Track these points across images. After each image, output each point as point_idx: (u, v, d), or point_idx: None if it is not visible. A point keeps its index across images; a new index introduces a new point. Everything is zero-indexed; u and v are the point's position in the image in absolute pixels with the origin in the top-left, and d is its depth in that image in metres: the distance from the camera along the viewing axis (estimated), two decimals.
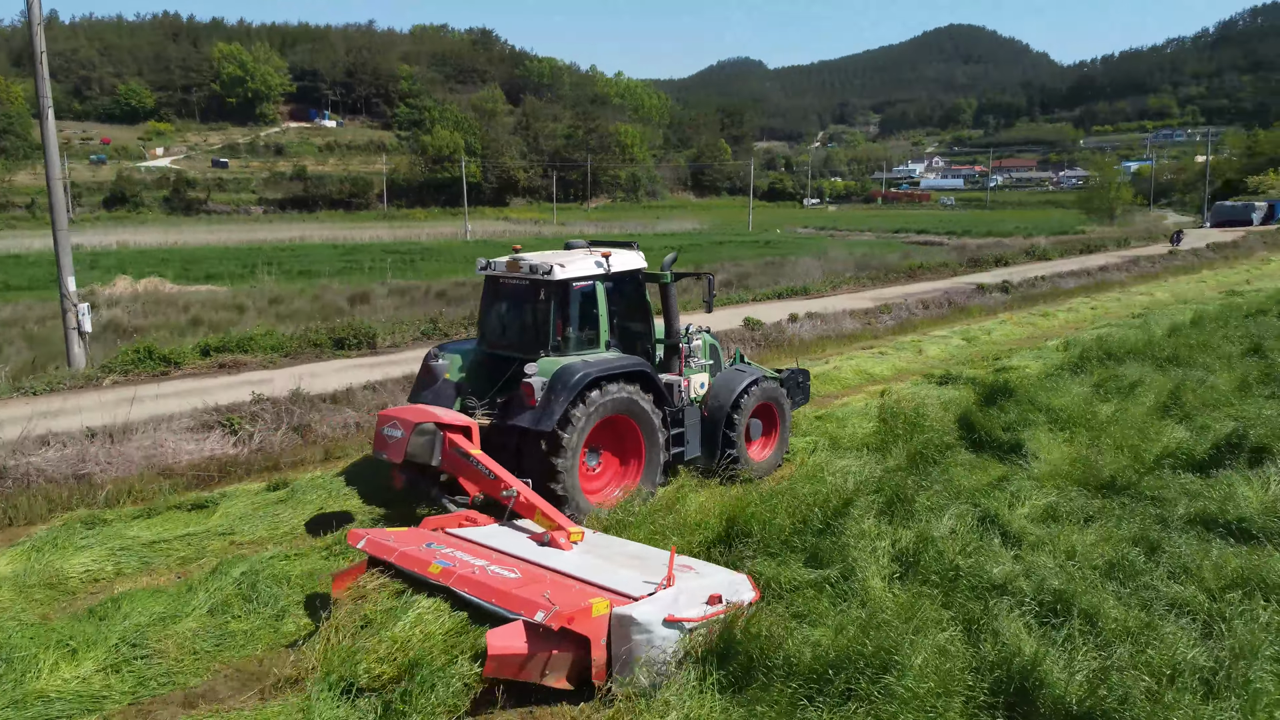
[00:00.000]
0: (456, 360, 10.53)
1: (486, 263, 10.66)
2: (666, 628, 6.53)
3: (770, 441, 11.92)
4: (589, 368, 9.56)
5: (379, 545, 7.61)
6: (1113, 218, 76.05)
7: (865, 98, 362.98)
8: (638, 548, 8.18)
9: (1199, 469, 10.81)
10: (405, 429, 9.16)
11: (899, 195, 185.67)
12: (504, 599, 6.65)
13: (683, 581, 7.01)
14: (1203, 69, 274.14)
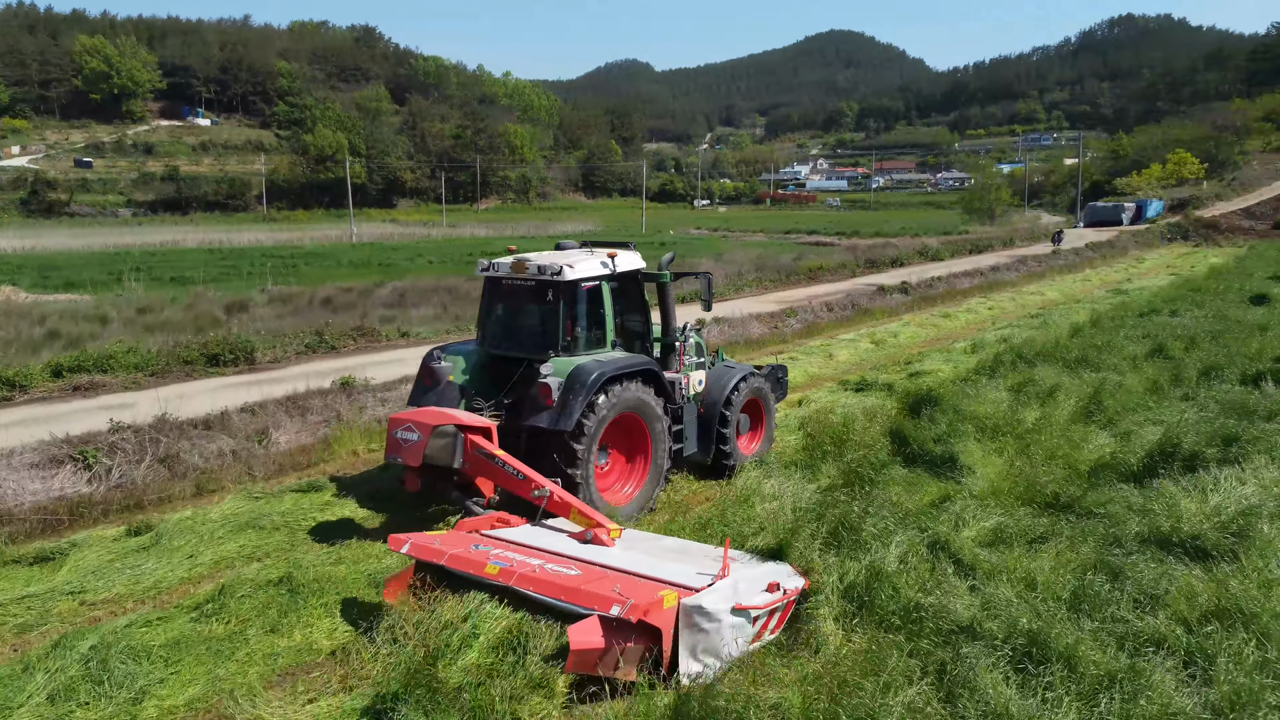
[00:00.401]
0: (459, 362, 10.50)
1: (488, 264, 10.58)
2: (734, 615, 6.66)
3: (757, 436, 12.27)
4: (603, 367, 9.63)
5: (425, 549, 7.59)
6: (993, 218, 78.45)
7: (751, 100, 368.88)
8: (675, 542, 8.45)
9: (1134, 479, 10.49)
10: (422, 431, 9.02)
11: (786, 196, 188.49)
12: (575, 595, 6.73)
13: (736, 571, 7.16)
14: (1066, 76, 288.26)
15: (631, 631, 6.44)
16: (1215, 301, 25.23)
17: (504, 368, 10.50)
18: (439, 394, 10.19)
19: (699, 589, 6.79)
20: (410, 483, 9.52)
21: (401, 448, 9.16)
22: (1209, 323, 21.10)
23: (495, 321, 10.76)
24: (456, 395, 10.17)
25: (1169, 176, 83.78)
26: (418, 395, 10.48)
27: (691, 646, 6.54)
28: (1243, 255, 45.09)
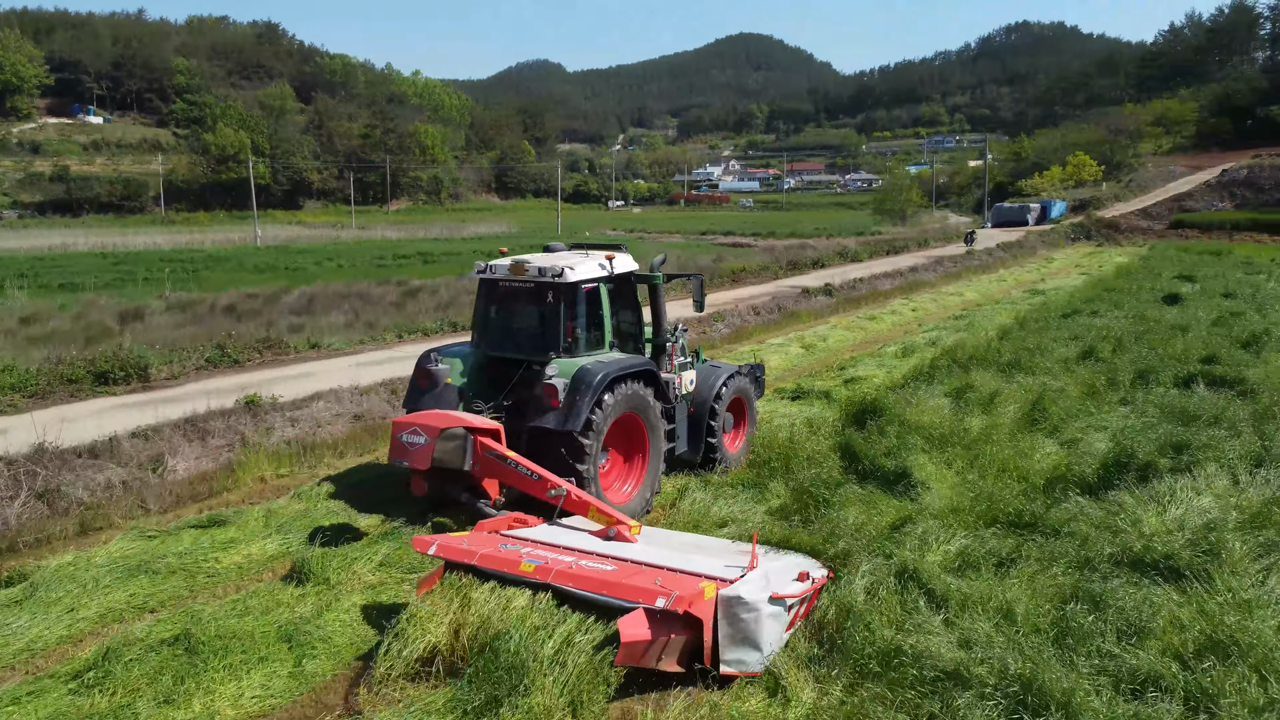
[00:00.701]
0: (456, 364, 10.50)
1: (485, 266, 10.58)
2: (772, 604, 6.80)
3: (740, 434, 12.41)
4: (607, 368, 9.74)
5: (454, 549, 7.61)
6: (904, 219, 79.63)
7: (663, 102, 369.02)
8: (693, 537, 8.67)
9: (1090, 491, 10.16)
10: (429, 434, 9.01)
11: (700, 197, 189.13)
12: (617, 589, 6.81)
13: (764, 563, 7.44)
14: (967, 81, 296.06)
15: (675, 623, 6.58)
16: (1131, 301, 25.62)
17: (501, 370, 10.58)
18: (437, 396, 10.21)
19: (733, 580, 6.98)
20: (416, 486, 9.50)
21: (408, 451, 9.11)
22: (1130, 323, 21.29)
23: (492, 323, 10.81)
24: (455, 397, 10.22)
25: (1069, 178, 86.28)
26: (414, 398, 10.43)
27: (731, 636, 6.68)
28: (1146, 254, 46.43)
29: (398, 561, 8.74)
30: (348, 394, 14.69)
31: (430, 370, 10.43)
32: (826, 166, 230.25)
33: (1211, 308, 24.05)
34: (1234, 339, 18.78)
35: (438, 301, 30.38)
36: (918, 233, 61.55)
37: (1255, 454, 10.90)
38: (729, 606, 6.70)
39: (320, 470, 12.00)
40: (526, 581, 7.13)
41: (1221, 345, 17.92)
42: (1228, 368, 15.80)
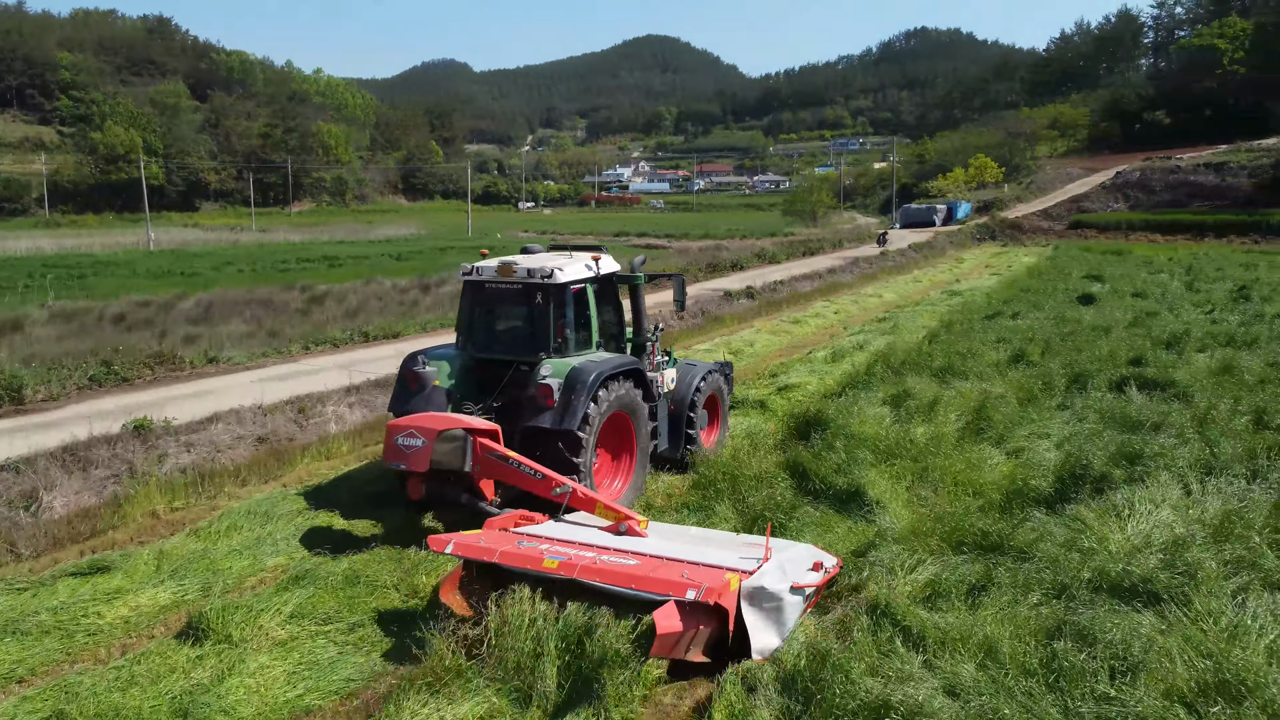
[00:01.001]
0: (444, 366, 10.45)
1: (471, 267, 10.64)
2: (793, 594, 7.12)
3: (714, 430, 12.72)
4: (599, 367, 9.87)
5: (472, 548, 7.57)
6: (815, 219, 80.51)
7: (571, 103, 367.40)
8: (700, 531, 8.85)
9: (1047, 505, 9.77)
10: (427, 437, 8.98)
11: (611, 198, 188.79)
12: (645, 583, 6.89)
13: (776, 554, 7.56)
14: (869, 84, 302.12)
15: (702, 615, 6.73)
16: (1048, 302, 25.87)
17: (488, 371, 10.63)
18: (426, 399, 10.14)
19: (753, 572, 7.13)
20: (414, 489, 9.42)
21: (404, 454, 9.06)
22: (1052, 325, 21.36)
23: (478, 325, 10.84)
24: (444, 400, 10.20)
25: (971, 180, 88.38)
26: (401, 400, 10.33)
27: (757, 625, 6.90)
28: (1051, 255, 47.51)
29: (311, 611, 7.74)
30: (250, 414, 13.51)
31: (418, 373, 10.32)
32: (735, 168, 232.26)
33: (1125, 308, 24.41)
34: (1155, 340, 18.91)
35: (346, 308, 29.00)
36: (831, 233, 62.06)
37: (1204, 461, 10.68)
38: (754, 597, 6.94)
39: (220, 502, 10.86)
40: (551, 578, 7.15)
41: (1145, 346, 17.99)
42: (1156, 369, 15.80)
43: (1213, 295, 27.74)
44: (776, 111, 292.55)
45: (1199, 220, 61.18)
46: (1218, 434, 11.62)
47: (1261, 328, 20.44)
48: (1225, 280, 31.79)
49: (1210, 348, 18.49)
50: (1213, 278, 32.87)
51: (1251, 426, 12.32)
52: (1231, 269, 36.23)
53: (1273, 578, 7.82)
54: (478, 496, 9.44)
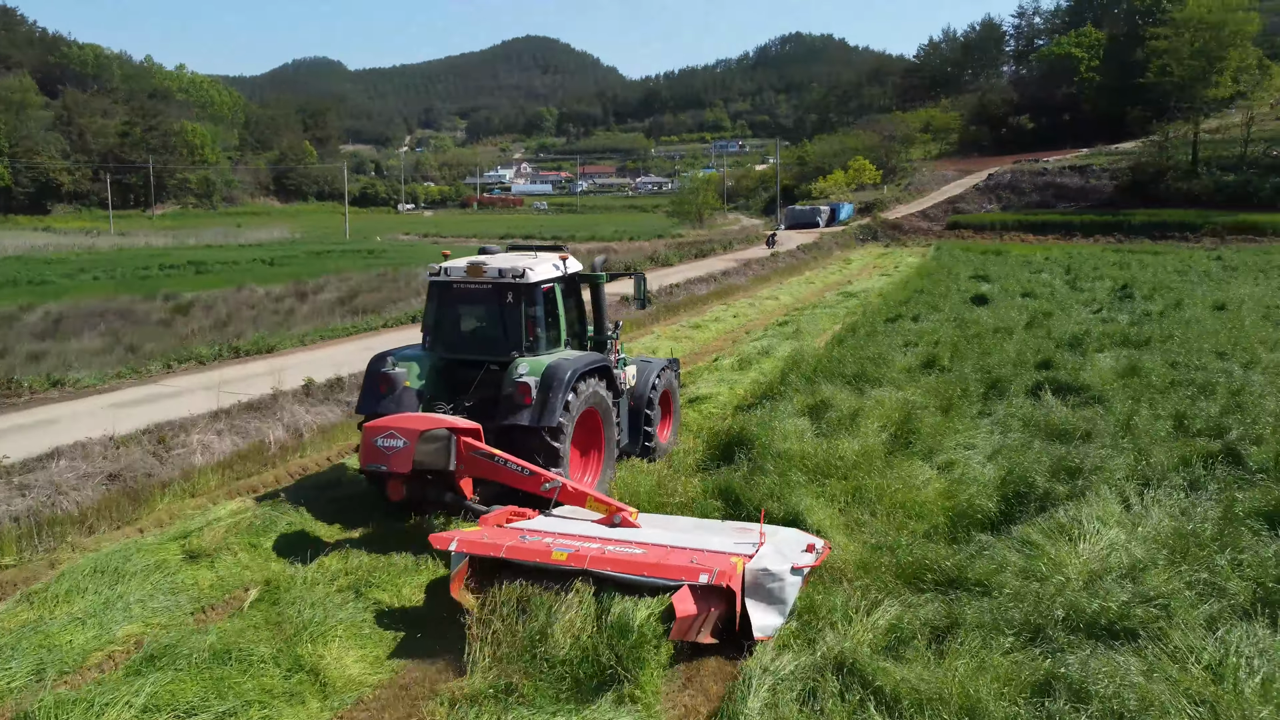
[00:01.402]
0: (413, 367, 10.40)
1: (439, 268, 10.66)
2: (793, 574, 7.37)
3: (667, 425, 12.94)
4: (573, 364, 10.00)
5: (477, 544, 7.67)
6: (701, 221, 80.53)
7: (450, 103, 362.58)
8: (689, 520, 8.99)
9: (993, 528, 9.18)
10: (408, 437, 8.94)
11: (494, 200, 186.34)
12: (658, 570, 7.09)
13: (770, 538, 7.87)
14: (747, 88, 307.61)
15: (713, 597, 7.01)
16: (944, 303, 25.90)
17: (456, 371, 10.63)
18: (397, 400, 10.05)
19: (751, 555, 7.45)
20: (394, 491, 9.33)
21: (385, 456, 8.97)
22: (954, 328, 21.22)
23: (447, 326, 10.82)
24: (415, 401, 10.12)
25: (851, 181, 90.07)
26: (371, 403, 10.22)
27: (762, 605, 7.19)
28: (935, 255, 48.37)
29: (170, 701, 6.35)
30: (99, 447, 11.81)
31: (388, 374, 10.24)
32: (617, 169, 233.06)
33: (1019, 308, 24.60)
34: (1057, 341, 18.92)
35: (215, 318, 26.88)
36: (719, 235, 61.97)
37: (1139, 473, 10.30)
38: (758, 578, 7.25)
39: (61, 556, 9.27)
40: (561, 570, 7.27)
41: (1049, 349, 17.93)
42: (1066, 373, 15.64)
43: (1097, 294, 28.37)
44: (657, 113, 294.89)
45: (1067, 220, 63.68)
46: (1147, 442, 11.32)
47: (1151, 327, 20.73)
48: (1104, 279, 32.70)
49: (1108, 348, 18.58)
50: (1092, 276, 33.81)
51: (1174, 431, 12.11)
52: (1107, 267, 37.44)
53: (1237, 600, 7.37)
54: (460, 496, 9.39)
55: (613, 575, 7.16)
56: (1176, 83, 66.50)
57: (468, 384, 10.53)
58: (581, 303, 11.60)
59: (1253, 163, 64.41)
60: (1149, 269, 37.02)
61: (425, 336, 10.88)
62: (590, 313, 11.96)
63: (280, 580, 8.33)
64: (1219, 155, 66.23)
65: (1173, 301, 25.02)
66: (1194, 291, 28.04)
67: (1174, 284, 30.49)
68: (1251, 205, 60.58)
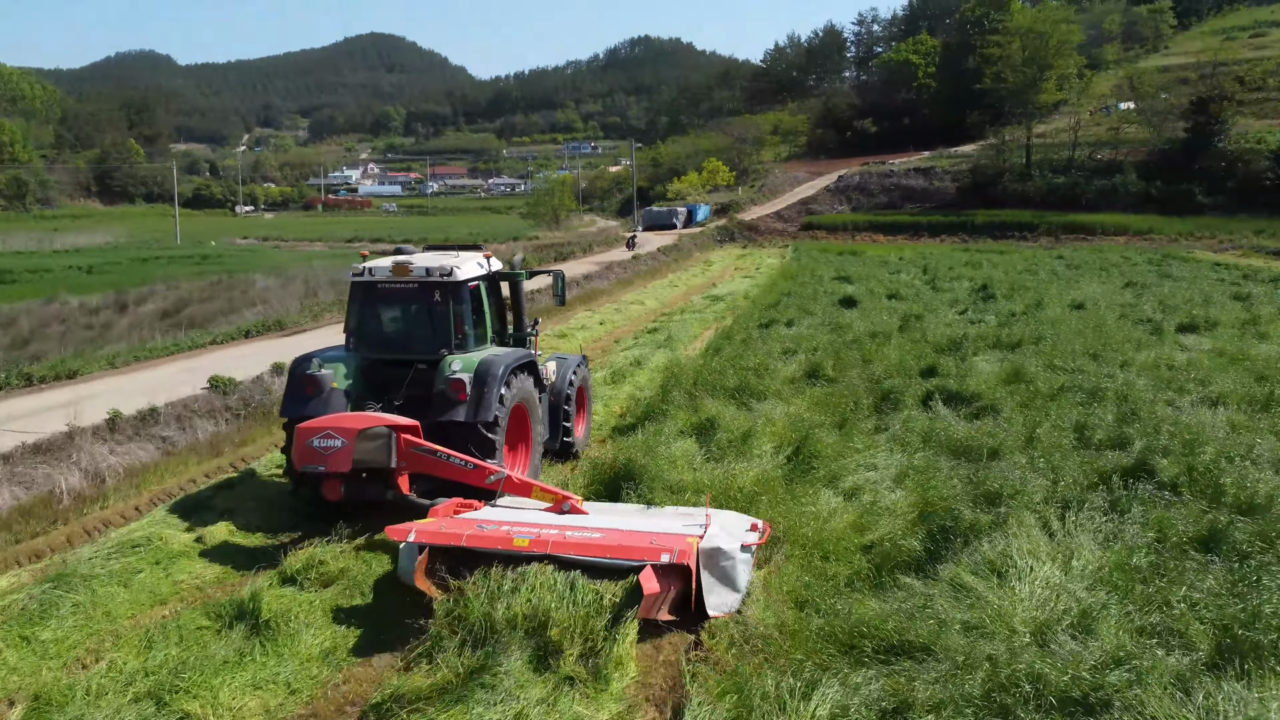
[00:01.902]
0: (339, 368, 10.33)
1: (362, 268, 10.66)
2: (743, 552, 7.80)
3: (581, 419, 13.00)
4: (504, 360, 10.17)
5: (436, 535, 7.88)
6: (558, 223, 79.00)
7: (291, 101, 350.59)
8: (633, 506, 9.42)
9: (918, 568, 8.19)
10: (346, 437, 8.88)
11: (340, 202, 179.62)
12: (621, 551, 7.45)
13: (716, 520, 8.23)
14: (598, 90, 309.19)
15: (673, 576, 7.36)
16: (815, 306, 25.38)
17: (382, 371, 10.56)
18: (324, 401, 9.96)
19: (701, 536, 7.68)
20: (331, 491, 9.34)
21: (322, 456, 8.93)
22: (829, 333, 20.61)
23: (371, 326, 10.83)
24: (343, 401, 10.07)
25: (706, 183, 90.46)
26: (297, 405, 10.08)
27: (716, 582, 7.52)
28: (794, 256, 48.44)
29: None
30: None
31: (315, 376, 10.09)
32: (469, 170, 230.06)
33: (888, 311, 24.31)
34: (934, 345, 18.49)
35: (14, 336, 23.70)
36: (578, 237, 60.63)
37: (1057, 494, 9.56)
38: (712, 557, 7.53)
39: None
40: (525, 555, 7.47)
41: (929, 354, 17.45)
42: (952, 380, 15.10)
43: (958, 294, 28.54)
44: (508, 114, 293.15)
45: (915, 221, 65.46)
46: (1057, 459, 10.66)
47: (1020, 328, 20.61)
48: (961, 279, 33.11)
49: (983, 350, 18.28)
50: (949, 276, 34.22)
51: (1078, 444, 11.55)
52: (960, 267, 38.11)
53: (1203, 651, 6.56)
54: (398, 493, 9.32)
55: (576, 558, 7.39)
56: (1010, 89, 69.42)
57: (395, 383, 10.44)
58: (502, 300, 11.73)
59: (1079, 166, 67.91)
60: (999, 268, 37.90)
61: (348, 338, 10.79)
62: (510, 310, 12.16)
63: (54, 692, 6.44)
64: (1050, 159, 69.50)
65: (1033, 301, 25.27)
66: (1048, 290, 28.56)
67: (1028, 283, 31.10)
68: (1080, 206, 63.81)
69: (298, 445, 9.08)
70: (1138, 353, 17.73)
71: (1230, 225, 57.21)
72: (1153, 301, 25.46)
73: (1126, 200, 63.77)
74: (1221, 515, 8.64)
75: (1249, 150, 64.23)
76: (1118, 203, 63.75)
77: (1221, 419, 12.59)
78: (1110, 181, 65.01)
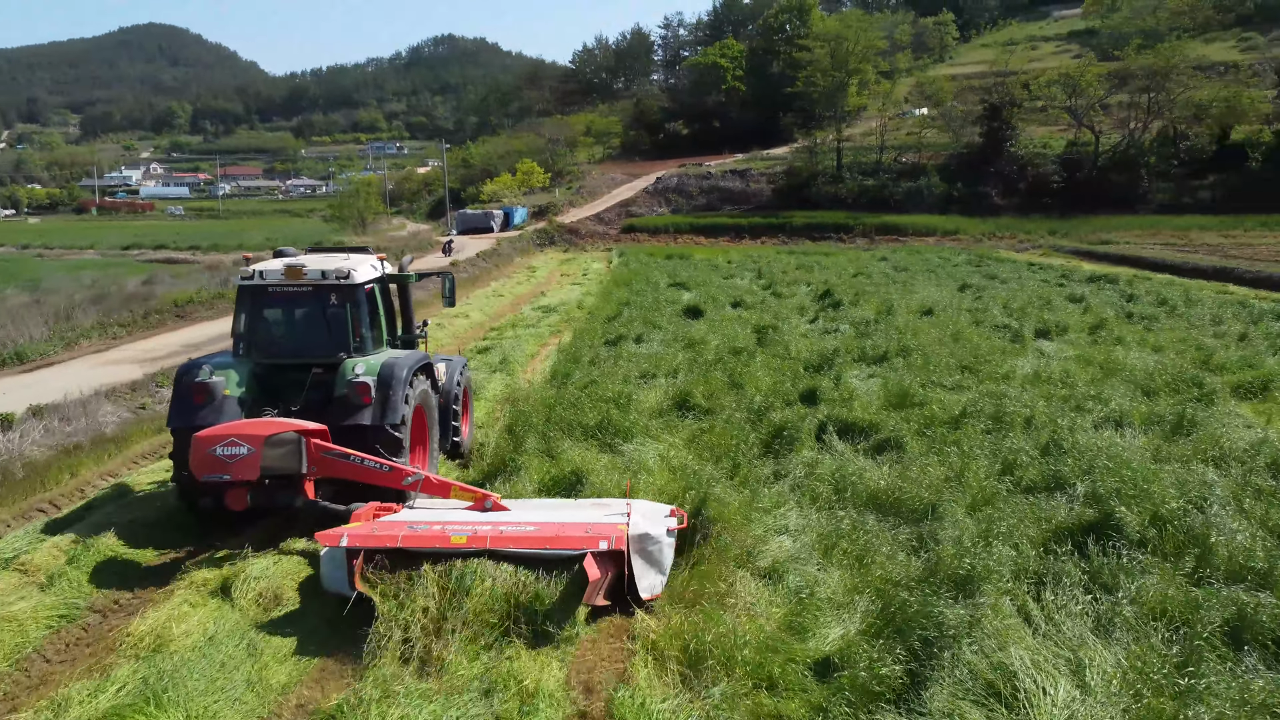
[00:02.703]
0: (231, 375, 9.93)
1: (252, 271, 10.28)
2: (668, 536, 8.12)
3: (466, 420, 12.86)
4: (405, 362, 10.13)
5: (370, 538, 7.85)
6: (365, 226, 74.11)
7: (58, 95, 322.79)
8: (553, 500, 9.67)
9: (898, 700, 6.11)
10: (252, 444, 8.62)
11: (118, 204, 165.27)
12: (557, 542, 7.65)
13: (635, 509, 8.41)
14: (402, 88, 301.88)
15: (607, 562, 7.58)
16: (659, 318, 23.36)
17: (273, 376, 10.21)
18: (217, 409, 9.59)
19: (627, 523, 7.94)
20: (237, 500, 9.03)
21: (226, 465, 8.61)
22: (683, 351, 18.61)
23: (262, 330, 10.52)
24: (237, 409, 9.70)
25: (521, 184, 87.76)
26: (186, 415, 9.60)
27: (646, 566, 7.91)
28: (620, 260, 46.51)
29: None
30: None
31: (205, 383, 9.63)
32: (265, 171, 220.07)
33: (738, 321, 22.64)
34: (802, 363, 16.80)
35: None
36: (387, 242, 56.51)
37: (1027, 571, 7.76)
38: (641, 543, 7.89)
39: None
40: (462, 552, 7.61)
41: (800, 374, 15.74)
42: (838, 407, 13.34)
43: (802, 301, 27.33)
44: (306, 112, 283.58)
45: (736, 223, 65.32)
46: (1006, 514, 8.90)
47: (880, 339, 19.35)
48: (798, 284, 32.10)
49: (852, 365, 16.79)
50: (783, 280, 33.15)
51: (1013, 487, 9.91)
52: (791, 270, 37.31)
53: None
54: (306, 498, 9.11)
55: (516, 552, 7.55)
56: (822, 91, 70.57)
57: (289, 388, 10.09)
58: (391, 303, 11.39)
59: (887, 169, 69.88)
60: (831, 271, 37.35)
61: (237, 342, 10.40)
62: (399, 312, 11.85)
63: None
64: (859, 161, 71.23)
65: (881, 308, 24.27)
66: (888, 294, 27.84)
67: (865, 287, 30.38)
68: (890, 207, 65.57)
69: (197, 455, 8.64)
70: (1009, 363, 16.71)
71: (1027, 225, 60.12)
72: (996, 305, 25.03)
73: (931, 201, 66.02)
74: (1240, 594, 7.04)
75: (1037, 155, 67.93)
76: (923, 204, 65.89)
77: (1141, 445, 11.37)
78: (916, 184, 67.14)
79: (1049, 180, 65.43)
